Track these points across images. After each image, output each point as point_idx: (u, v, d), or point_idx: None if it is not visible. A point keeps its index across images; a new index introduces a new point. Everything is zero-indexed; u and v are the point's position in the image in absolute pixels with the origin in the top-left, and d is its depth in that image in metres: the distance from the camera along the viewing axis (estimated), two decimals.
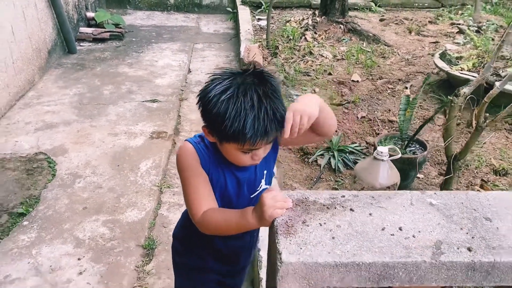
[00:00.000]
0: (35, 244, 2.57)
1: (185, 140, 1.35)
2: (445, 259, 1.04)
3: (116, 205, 2.92)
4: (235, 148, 1.19)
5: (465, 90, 2.17)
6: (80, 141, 3.62)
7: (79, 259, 2.49)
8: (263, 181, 1.41)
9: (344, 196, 1.24)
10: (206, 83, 1.18)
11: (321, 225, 1.13)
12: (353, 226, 1.13)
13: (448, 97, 2.27)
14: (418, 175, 3.01)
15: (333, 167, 3.08)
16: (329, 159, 3.13)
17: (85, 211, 2.85)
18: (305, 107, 1.17)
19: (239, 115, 1.10)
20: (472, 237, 1.11)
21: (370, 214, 1.18)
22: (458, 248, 1.07)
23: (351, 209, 1.19)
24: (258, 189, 1.40)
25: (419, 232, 1.12)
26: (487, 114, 2.12)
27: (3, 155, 3.38)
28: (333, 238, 1.09)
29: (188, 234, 1.53)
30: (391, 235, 1.11)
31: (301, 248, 1.05)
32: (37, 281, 2.33)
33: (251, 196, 1.40)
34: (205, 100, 1.17)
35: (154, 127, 3.89)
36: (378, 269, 1.04)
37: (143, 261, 2.51)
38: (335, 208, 1.19)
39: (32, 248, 2.54)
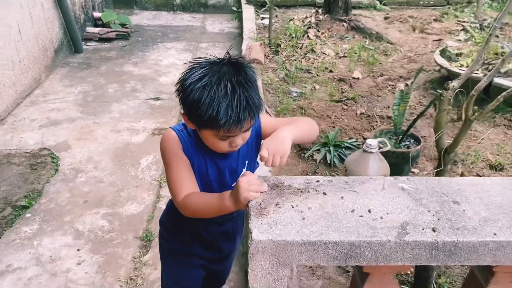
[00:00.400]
0: (36, 236, 2.65)
1: (169, 128, 1.41)
2: (410, 238, 1.09)
3: (116, 199, 2.99)
4: (212, 135, 1.25)
5: (454, 83, 2.19)
6: (83, 137, 3.70)
7: (78, 250, 2.56)
8: (244, 170, 1.46)
9: (318, 181, 1.29)
10: (185, 72, 1.24)
11: (293, 207, 1.18)
12: (324, 208, 1.18)
13: (438, 90, 2.29)
14: (413, 170, 3.04)
15: (329, 162, 3.12)
16: (325, 154, 3.16)
17: (85, 204, 2.92)
18: (278, 146, 1.23)
19: (212, 102, 1.15)
20: (438, 219, 1.15)
21: (342, 198, 1.22)
22: (423, 229, 1.12)
23: (324, 193, 1.24)
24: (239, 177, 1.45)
25: (387, 214, 1.16)
26: (476, 107, 2.14)
27: (8, 150, 3.48)
28: (303, 219, 1.14)
29: (173, 221, 1.59)
30: (360, 216, 1.15)
31: (271, 228, 1.10)
32: (38, 271, 2.41)
33: (232, 185, 1.44)
34: (182, 88, 1.22)
35: (156, 124, 3.96)
36: (344, 248, 1.09)
37: (140, 252, 2.57)
38: (309, 192, 1.24)
39: (34, 239, 2.63)
